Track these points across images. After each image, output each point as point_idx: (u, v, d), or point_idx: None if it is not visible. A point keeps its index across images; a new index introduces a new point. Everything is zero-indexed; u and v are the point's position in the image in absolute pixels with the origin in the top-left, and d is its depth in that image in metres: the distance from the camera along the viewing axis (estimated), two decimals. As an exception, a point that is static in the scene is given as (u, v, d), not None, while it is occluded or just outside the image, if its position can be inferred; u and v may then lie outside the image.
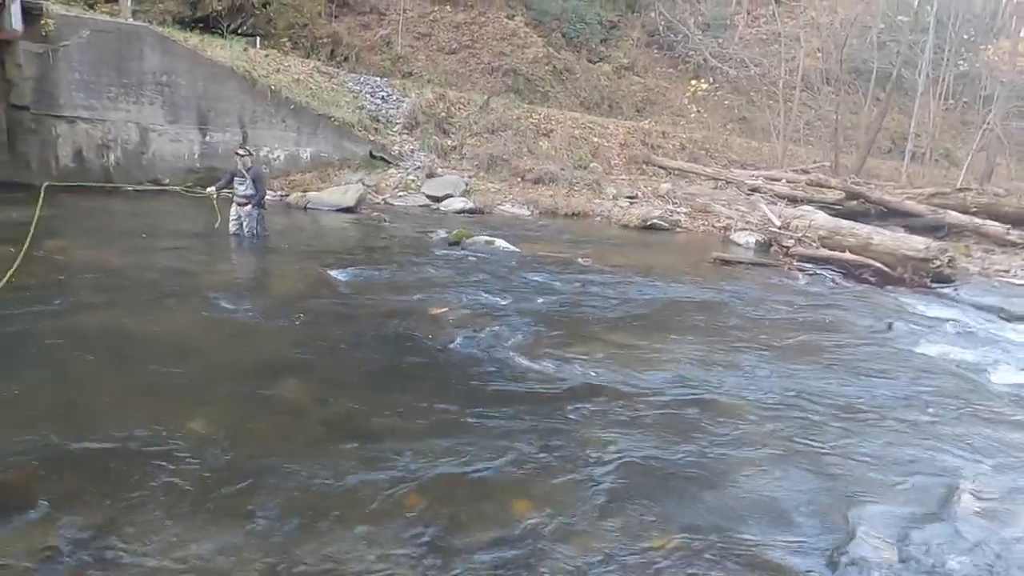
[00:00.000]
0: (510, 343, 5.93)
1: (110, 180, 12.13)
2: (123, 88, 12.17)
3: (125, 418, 3.99)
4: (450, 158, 15.70)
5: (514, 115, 17.45)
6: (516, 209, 14.14)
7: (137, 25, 12.98)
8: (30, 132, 11.50)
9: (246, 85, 13.31)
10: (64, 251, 7.80)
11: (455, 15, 23.84)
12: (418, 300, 6.98)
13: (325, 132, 14.16)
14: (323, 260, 8.47)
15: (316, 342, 5.61)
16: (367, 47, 22.21)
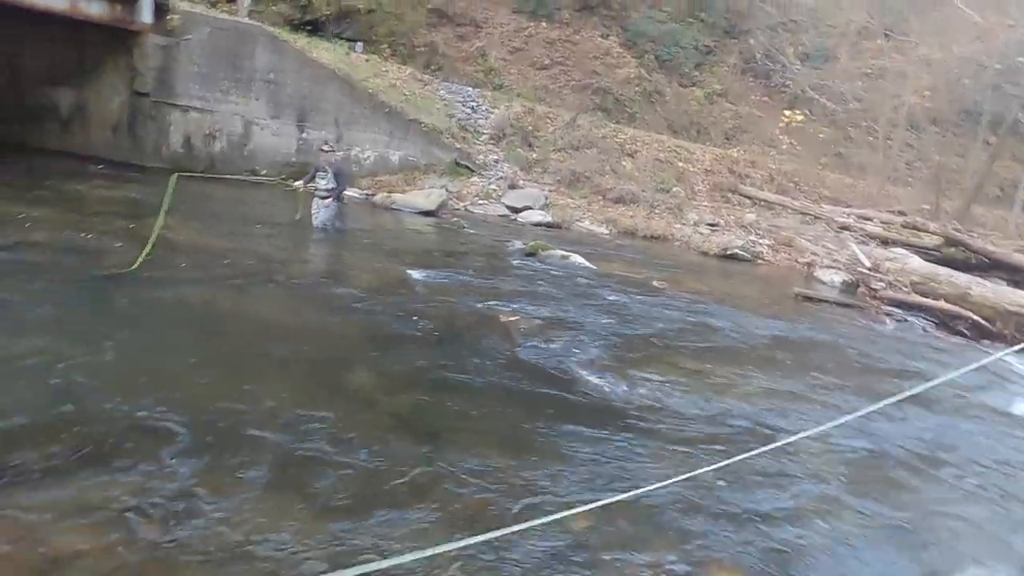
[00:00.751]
0: (578, 358, 5.91)
1: (214, 167, 12.87)
2: (234, 82, 12.91)
3: (208, 389, 4.21)
4: (533, 171, 15.83)
5: (600, 133, 17.44)
6: (594, 227, 14.09)
7: (252, 25, 13.78)
8: (148, 118, 12.37)
9: (345, 87, 13.88)
10: (169, 229, 8.32)
11: (550, 31, 24.11)
12: (491, 306, 7.06)
13: (415, 137, 14.56)
14: (402, 259, 8.70)
15: (389, 337, 5.76)
16: (462, 57, 22.78)
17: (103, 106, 12.44)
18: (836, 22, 24.03)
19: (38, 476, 3.10)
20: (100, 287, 5.74)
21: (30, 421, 3.54)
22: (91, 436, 3.48)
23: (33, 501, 2.94)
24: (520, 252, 10.30)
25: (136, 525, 2.93)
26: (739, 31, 25.85)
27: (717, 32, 25.92)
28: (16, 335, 4.45)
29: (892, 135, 20.44)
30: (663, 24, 24.60)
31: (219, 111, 12.91)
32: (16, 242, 6.56)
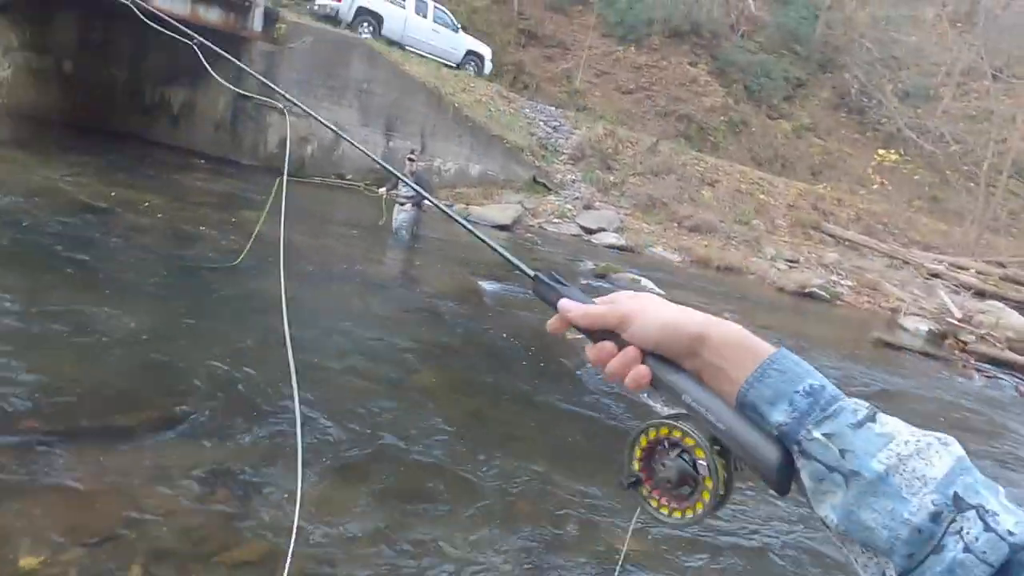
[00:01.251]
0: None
1: (304, 169, 13.51)
2: (329, 90, 13.56)
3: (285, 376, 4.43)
4: (609, 193, 15.84)
5: (681, 160, 17.28)
6: (667, 253, 13.94)
7: (351, 36, 14.45)
8: (249, 119, 13.14)
9: (433, 100, 14.32)
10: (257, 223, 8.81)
11: (637, 56, 24.15)
12: (558, 323, 7.09)
13: (495, 152, 14.84)
14: (475, 270, 8.87)
15: (457, 342, 5.90)
16: (548, 78, 23.10)
17: (210, 105, 13.30)
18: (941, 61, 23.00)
19: (131, 437, 3.35)
20: (200, 273, 6.14)
21: (130, 388, 3.83)
22: (181, 406, 3.73)
23: (125, 459, 3.18)
24: (591, 272, 10.31)
25: (211, 494, 3.12)
26: (834, 65, 25.14)
27: (810, 65, 25.28)
28: (123, 311, 4.82)
29: (995, 181, 19.32)
30: (754, 54, 24.21)
31: (314, 116, 13.55)
32: (129, 227, 7.10)
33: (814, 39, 24.82)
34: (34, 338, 4.08)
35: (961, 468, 0.48)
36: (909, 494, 0.47)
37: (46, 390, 3.56)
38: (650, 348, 0.60)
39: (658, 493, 0.60)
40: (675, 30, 24.39)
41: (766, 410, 0.54)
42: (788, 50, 24.82)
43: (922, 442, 0.49)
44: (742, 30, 25.45)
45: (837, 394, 0.54)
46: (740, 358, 0.56)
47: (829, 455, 0.50)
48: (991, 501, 0.47)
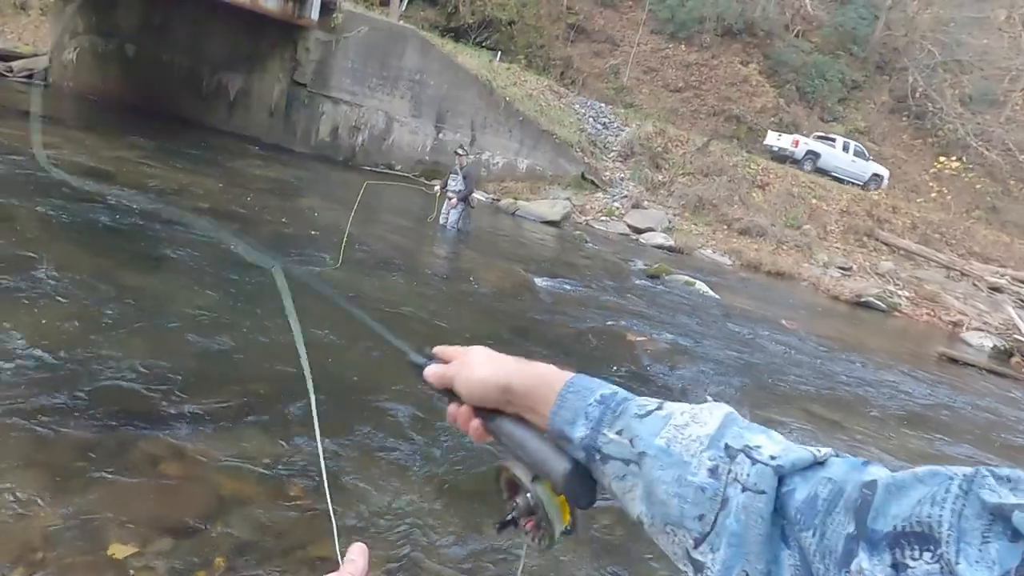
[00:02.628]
0: (705, 388, 5.69)
1: (354, 158, 13.55)
2: (382, 80, 13.57)
3: (342, 368, 4.38)
4: (658, 193, 15.57)
5: (731, 161, 16.91)
6: (716, 256, 13.65)
7: (406, 27, 14.44)
8: (302, 106, 13.22)
9: (484, 92, 14.23)
10: (313, 209, 8.84)
11: (688, 54, 23.72)
12: (615, 322, 6.95)
13: (544, 147, 14.70)
14: (526, 265, 8.76)
15: (515, 338, 5.79)
16: (595, 73, 22.84)
17: (265, 92, 13.42)
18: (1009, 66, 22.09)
19: (210, 424, 3.31)
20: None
21: (206, 373, 3.81)
22: (257, 394, 3.69)
23: (206, 447, 3.15)
24: (642, 273, 10.12)
25: (290, 485, 3.07)
26: (893, 68, 24.37)
27: (868, 67, 24.55)
28: (193, 295, 4.83)
29: (1062, 193, 18.51)
30: (808, 55, 23.60)
31: (366, 106, 13.59)
32: (189, 210, 7.16)
33: (873, 40, 24.08)
34: (107, 321, 4.09)
35: (729, 420, 0.51)
36: (689, 457, 0.49)
37: (122, 375, 3.55)
38: (475, 404, 0.65)
39: (531, 528, 0.62)
40: (727, 28, 23.90)
41: (569, 431, 0.57)
42: (844, 51, 24.14)
43: (695, 409, 0.53)
44: (797, 29, 24.82)
45: (627, 396, 0.58)
46: (543, 395, 0.61)
47: (623, 450, 0.53)
48: (756, 438, 0.49)
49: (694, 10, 23.26)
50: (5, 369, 3.23)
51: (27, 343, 3.48)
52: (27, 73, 15.29)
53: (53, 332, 3.68)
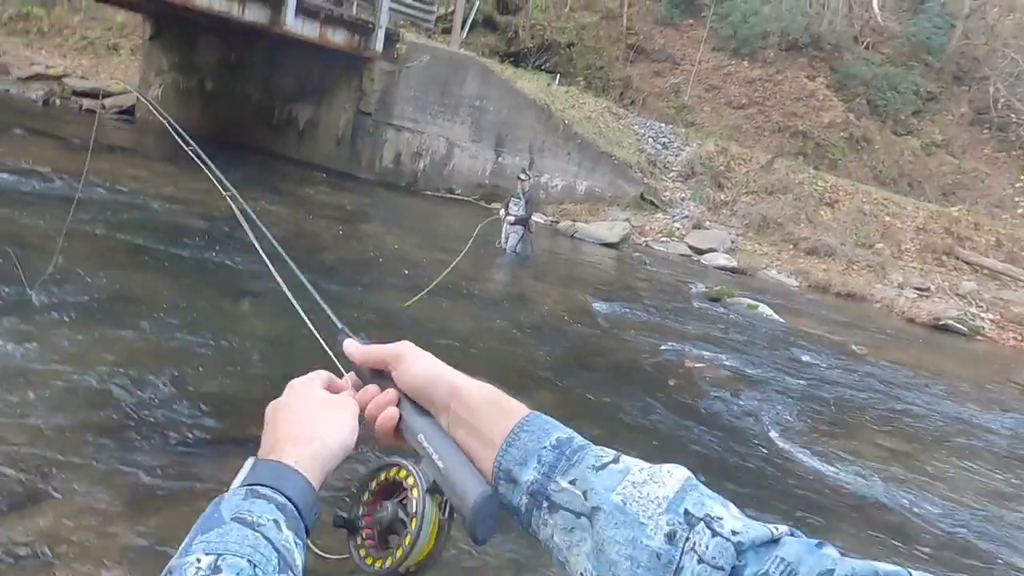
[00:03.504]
0: (768, 418, 5.52)
1: (416, 183, 13.91)
2: (443, 107, 13.92)
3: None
4: (720, 212, 15.30)
5: (797, 179, 16.45)
6: (782, 277, 13.26)
7: (466, 55, 14.79)
8: (367, 135, 13.70)
9: (542, 116, 14.39)
10: (376, 235, 9.12)
11: (751, 70, 23.31)
12: (673, 348, 6.85)
13: (603, 169, 14.70)
14: (584, 288, 8.75)
15: (572, 363, 5.79)
16: (655, 93, 22.71)
17: (332, 122, 13.98)
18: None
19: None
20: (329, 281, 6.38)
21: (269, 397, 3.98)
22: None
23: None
24: (703, 295, 9.94)
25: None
26: (972, 78, 23.22)
27: (944, 78, 23.48)
28: (260, 319, 5.06)
29: None
30: (879, 67, 22.78)
31: (427, 132, 13.96)
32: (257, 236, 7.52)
33: (949, 50, 23.04)
34: (178, 345, 4.33)
35: (689, 485, 0.49)
36: (646, 518, 0.47)
37: (193, 401, 3.74)
38: (409, 391, 0.61)
39: (370, 541, 0.57)
40: (792, 43, 23.37)
41: (517, 471, 0.53)
42: (918, 61, 23.18)
43: (655, 468, 0.51)
44: (866, 41, 24.04)
45: (584, 443, 0.55)
46: (493, 417, 0.57)
47: (575, 501, 0.51)
48: (717, 508, 0.47)
49: (757, 26, 22.87)
50: (92, 392, 3.47)
51: (111, 368, 3.72)
52: (117, 109, 16.42)
53: (134, 358, 3.92)
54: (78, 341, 3.95)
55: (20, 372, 3.46)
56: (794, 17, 22.92)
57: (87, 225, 6.28)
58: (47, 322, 4.10)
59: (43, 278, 4.29)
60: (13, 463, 2.75)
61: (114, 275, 5.17)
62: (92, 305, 4.50)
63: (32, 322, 4.04)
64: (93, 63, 21.41)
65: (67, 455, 2.89)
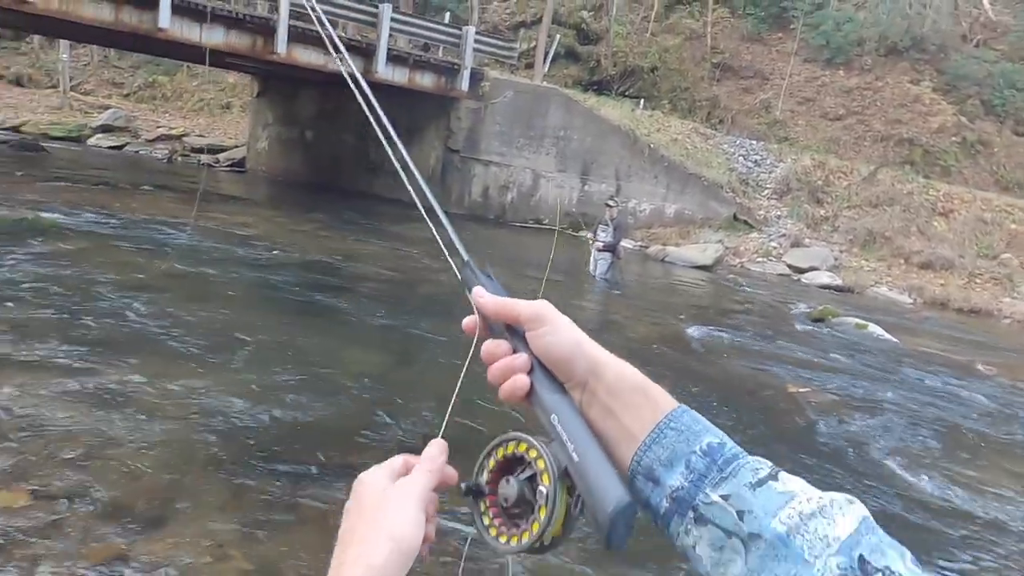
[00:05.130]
0: (884, 445, 5.14)
1: (504, 215, 14.16)
2: (528, 139, 14.17)
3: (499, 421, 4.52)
4: (820, 229, 14.58)
5: (905, 189, 15.45)
6: (893, 294, 12.42)
7: (549, 87, 15.04)
8: (455, 170, 14.13)
9: (627, 141, 14.34)
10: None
11: (847, 79, 22.28)
12: (774, 372, 6.54)
13: (693, 190, 14.42)
14: (677, 313, 8.55)
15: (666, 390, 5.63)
16: (744, 110, 22.13)
17: (422, 160, 14.54)
18: None
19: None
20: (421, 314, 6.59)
21: (370, 425, 4.14)
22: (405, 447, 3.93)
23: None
24: (805, 316, 9.46)
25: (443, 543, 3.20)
26: (1105, 67, 21.12)
27: (1072, 70, 21.49)
28: (363, 352, 5.29)
29: None
30: (994, 64, 21.18)
31: (513, 165, 14.23)
32: (361, 273, 7.89)
33: (1075, 39, 21.14)
34: (286, 378, 4.58)
35: (867, 528, 0.45)
36: (812, 556, 0.43)
37: (298, 430, 3.95)
38: (544, 358, 0.54)
39: (494, 511, 0.54)
40: (891, 47, 22.19)
41: (662, 473, 0.50)
42: (1040, 55, 21.38)
43: (824, 500, 0.46)
44: (976, 39, 22.45)
45: (737, 452, 0.50)
46: (636, 405, 0.53)
47: (727, 519, 0.46)
48: (896, 561, 0.43)
49: (851, 33, 21.91)
50: (208, 422, 3.73)
51: (225, 400, 4.00)
52: (230, 162, 17.83)
53: (241, 390, 4.19)
54: (196, 375, 4.27)
55: (145, 403, 3.78)
56: (892, 20, 21.80)
57: (201, 266, 6.83)
58: (168, 356, 4.46)
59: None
60: (140, 490, 3.00)
61: (226, 312, 5.57)
62: (207, 341, 4.86)
63: (156, 355, 4.41)
64: (209, 122, 23.43)
65: (187, 484, 3.12)
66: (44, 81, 25.00)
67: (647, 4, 24.00)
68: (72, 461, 3.11)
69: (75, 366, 4.09)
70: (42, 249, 6.45)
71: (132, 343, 4.59)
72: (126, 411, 3.67)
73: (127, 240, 7.51)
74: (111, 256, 6.70)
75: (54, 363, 4.09)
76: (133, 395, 3.86)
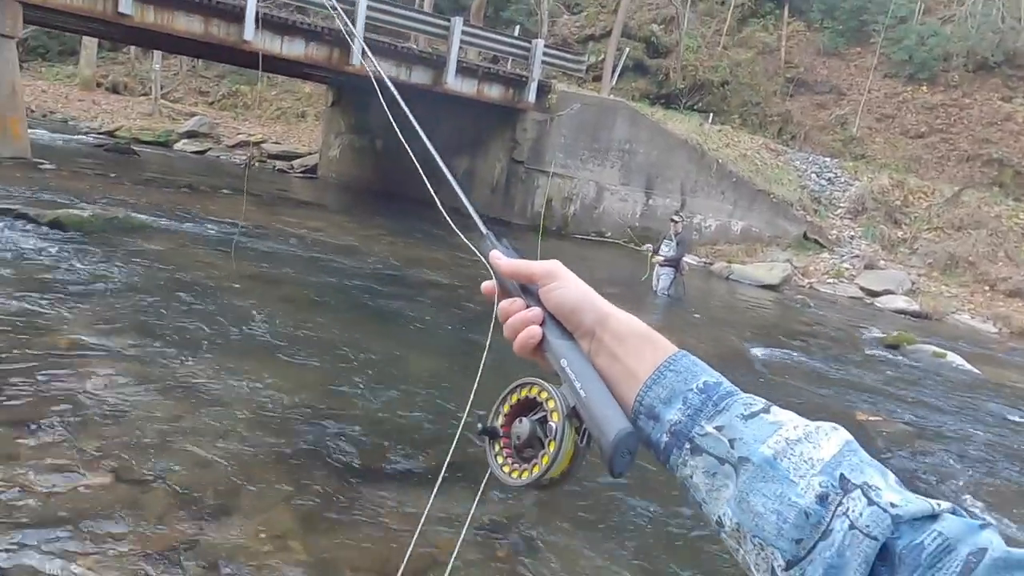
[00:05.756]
0: (961, 482, 4.86)
1: (567, 227, 14.15)
2: (592, 152, 14.14)
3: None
4: (896, 251, 13.95)
5: (993, 212, 14.62)
6: (976, 322, 11.74)
7: (615, 100, 14.98)
8: (520, 182, 14.23)
9: (694, 156, 14.12)
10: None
11: (931, 95, 21.31)
12: (842, 398, 6.29)
13: (761, 207, 14.05)
14: (740, 333, 8.33)
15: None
16: (818, 126, 21.46)
17: (487, 171, 14.72)
18: None
19: (424, 481, 3.63)
20: (479, 322, 6.67)
21: (425, 431, 4.21)
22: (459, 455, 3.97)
23: (421, 501, 3.44)
24: (878, 342, 9.05)
25: (494, 548, 3.22)
26: None
27: None
28: (423, 357, 5.39)
29: None
30: (1096, 82, 19.84)
31: (577, 177, 14.23)
32: (424, 280, 8.05)
33: None
34: (348, 382, 4.71)
35: (849, 449, 0.47)
36: (797, 476, 0.46)
37: (358, 430, 4.04)
38: (555, 311, 0.60)
39: (508, 451, 0.58)
40: (981, 62, 21.10)
41: (661, 410, 0.53)
42: None
43: (811, 427, 0.49)
44: (1078, 53, 21.09)
45: (732, 390, 0.54)
46: (639, 350, 0.56)
47: (720, 447, 0.50)
48: (876, 478, 0.45)
49: (937, 47, 20.96)
50: (275, 420, 3.87)
51: (291, 400, 4.14)
52: (303, 168, 18.51)
53: (307, 388, 4.33)
54: (265, 371, 4.44)
55: (217, 397, 3.96)
56: (983, 34, 20.74)
57: (272, 267, 7.11)
58: (239, 352, 4.66)
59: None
60: (210, 479, 3.14)
61: (294, 312, 5.78)
62: (276, 339, 5.06)
63: (227, 351, 4.62)
64: (285, 129, 24.41)
65: (254, 476, 3.24)
66: (138, 89, 26.67)
67: (720, 17, 23.64)
68: (149, 448, 3.28)
69: (154, 359, 4.32)
70: (131, 247, 6.85)
71: (206, 339, 4.81)
72: (200, 403, 3.85)
73: (205, 240, 7.90)
74: (190, 255, 7.06)
75: (136, 356, 4.34)
76: (206, 388, 4.05)
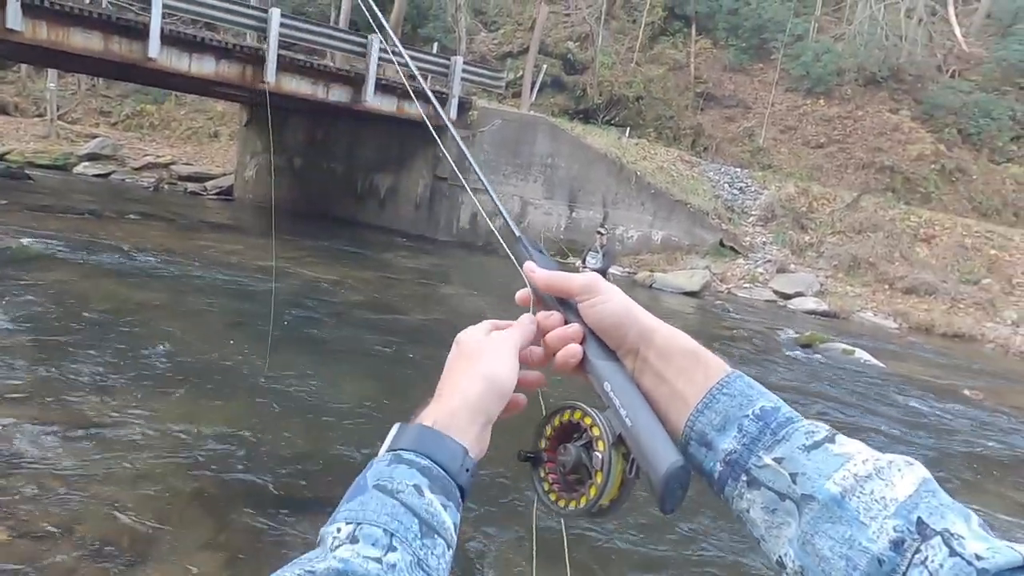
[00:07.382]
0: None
1: (492, 243, 14.20)
2: (515, 167, 14.28)
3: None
4: (805, 255, 14.74)
5: (887, 215, 15.70)
6: (879, 319, 12.53)
7: (536, 116, 15.22)
8: (444, 198, 14.19)
9: (614, 169, 14.49)
10: (454, 297, 9.32)
11: (827, 108, 22.76)
12: (764, 399, 6.54)
13: (679, 217, 14.56)
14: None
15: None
16: (728, 138, 22.50)
17: (411, 188, 14.60)
18: None
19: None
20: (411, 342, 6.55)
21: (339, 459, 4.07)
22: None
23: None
24: (793, 342, 9.51)
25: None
26: (1077, 97, 21.71)
27: (1045, 100, 22.07)
28: (353, 382, 5.24)
29: None
30: (968, 94, 21.72)
31: (501, 193, 14.27)
32: (343, 301, 7.85)
33: (1047, 71, 21.75)
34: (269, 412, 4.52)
35: (926, 490, 0.43)
36: (868, 518, 0.42)
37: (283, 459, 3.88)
38: (596, 328, 0.56)
39: (553, 477, 0.56)
40: (870, 77, 22.73)
41: (714, 438, 0.49)
42: (1012, 85, 21.96)
43: (882, 461, 0.44)
44: (951, 69, 23.07)
45: (793, 415, 0.49)
46: (688, 370, 0.52)
47: (780, 481, 0.46)
48: (958, 525, 0.41)
49: (831, 63, 22.44)
50: (188, 456, 3.65)
51: (206, 432, 3.92)
52: (218, 190, 17.80)
53: (227, 421, 4.12)
54: (176, 407, 4.20)
55: (126, 438, 3.70)
56: (870, 51, 22.37)
57: (186, 295, 6.76)
58: (148, 387, 4.39)
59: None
60: (123, 526, 2.92)
61: (210, 342, 5.50)
62: (186, 372, 4.80)
63: (135, 387, 4.34)
64: (196, 150, 23.43)
65: (172, 519, 3.04)
66: (31, 110, 24.95)
67: (632, 35, 24.47)
68: (52, 498, 3.03)
69: (55, 401, 4.01)
70: (26, 280, 6.36)
71: (112, 376, 4.51)
72: (108, 445, 3.59)
73: (109, 269, 7.44)
74: (94, 286, 6.62)
75: (33, 398, 4.01)
76: (115, 429, 3.79)
